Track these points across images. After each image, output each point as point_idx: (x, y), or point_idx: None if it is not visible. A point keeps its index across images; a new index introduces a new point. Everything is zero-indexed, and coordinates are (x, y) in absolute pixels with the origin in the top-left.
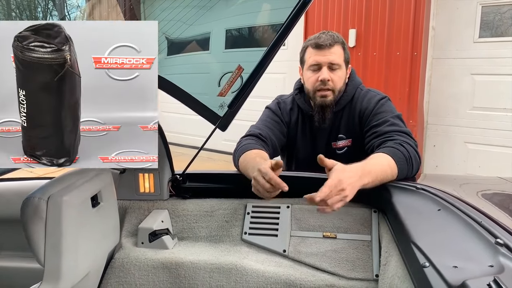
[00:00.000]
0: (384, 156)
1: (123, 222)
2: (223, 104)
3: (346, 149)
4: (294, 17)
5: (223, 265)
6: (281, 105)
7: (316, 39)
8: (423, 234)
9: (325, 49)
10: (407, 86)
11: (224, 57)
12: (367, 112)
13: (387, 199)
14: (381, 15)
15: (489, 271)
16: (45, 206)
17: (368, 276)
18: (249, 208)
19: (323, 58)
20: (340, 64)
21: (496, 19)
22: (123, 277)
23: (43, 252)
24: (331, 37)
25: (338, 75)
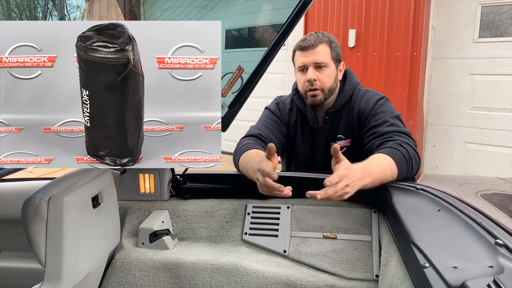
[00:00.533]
0: (384, 157)
1: (124, 222)
2: (224, 105)
3: (345, 149)
4: (294, 17)
5: (223, 266)
6: (280, 105)
7: (301, 42)
8: (423, 234)
9: (309, 50)
10: (407, 86)
11: (224, 58)
12: (366, 113)
13: (387, 199)
14: (381, 15)
15: (489, 271)
16: (46, 206)
17: (368, 276)
18: (250, 208)
19: (307, 59)
20: (326, 62)
21: (496, 19)
22: (123, 277)
23: (44, 253)
24: (316, 37)
25: (325, 74)
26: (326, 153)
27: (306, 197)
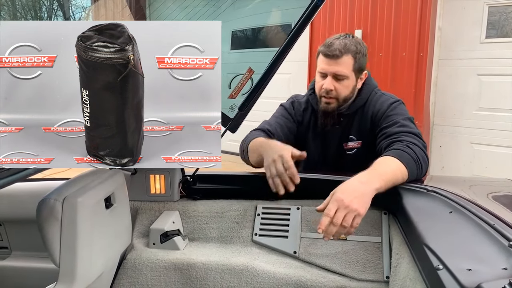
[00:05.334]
0: (392, 159)
1: (135, 223)
2: (234, 106)
3: (355, 150)
4: (305, 19)
5: (234, 266)
6: (295, 104)
7: (327, 47)
8: (435, 236)
9: (333, 59)
10: (413, 86)
11: (233, 59)
12: (379, 115)
13: (398, 201)
14: (387, 16)
15: (503, 274)
16: (60, 207)
17: (378, 277)
18: (259, 209)
19: (329, 68)
20: (347, 75)
21: (502, 19)
22: (135, 277)
23: (59, 253)
24: (343, 45)
25: (343, 85)
26: (338, 154)
27: (316, 198)
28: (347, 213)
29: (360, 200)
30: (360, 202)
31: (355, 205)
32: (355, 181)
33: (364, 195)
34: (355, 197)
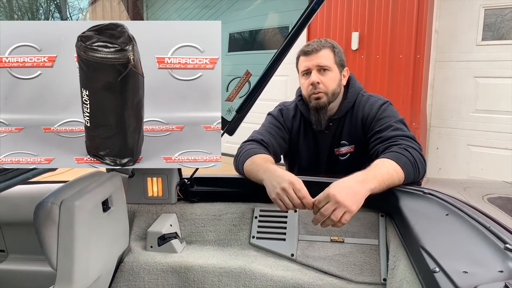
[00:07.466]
0: (388, 161)
1: (132, 226)
2: (231, 109)
3: (349, 155)
4: (303, 22)
5: (231, 269)
6: (284, 111)
7: (304, 47)
8: (432, 238)
9: (313, 54)
10: (410, 88)
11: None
12: (369, 118)
13: (395, 203)
14: (384, 18)
15: (499, 276)
16: (57, 210)
17: (375, 280)
18: (257, 212)
19: (311, 63)
20: (330, 65)
21: (498, 21)
22: (132, 280)
23: (56, 256)
24: (319, 42)
25: (329, 77)
26: (330, 159)
27: None
28: (337, 207)
29: (352, 197)
30: (353, 199)
31: (347, 202)
32: (351, 180)
33: (357, 193)
34: (347, 194)
